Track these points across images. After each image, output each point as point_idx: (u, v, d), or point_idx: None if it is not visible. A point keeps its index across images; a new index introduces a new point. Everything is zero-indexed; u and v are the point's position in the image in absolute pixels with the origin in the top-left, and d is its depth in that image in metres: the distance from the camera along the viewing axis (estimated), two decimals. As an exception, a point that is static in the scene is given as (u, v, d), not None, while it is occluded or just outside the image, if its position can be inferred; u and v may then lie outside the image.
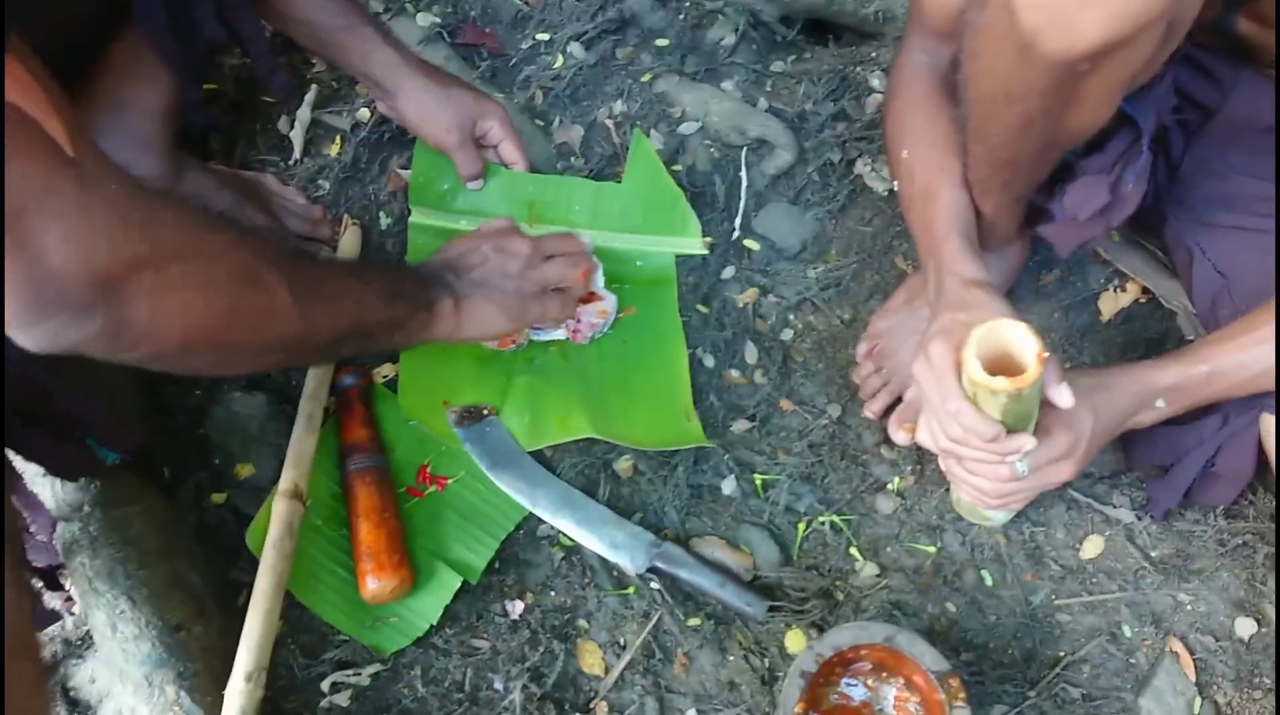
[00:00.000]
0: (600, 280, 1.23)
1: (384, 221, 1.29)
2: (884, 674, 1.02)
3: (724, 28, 1.40)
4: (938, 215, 1.03)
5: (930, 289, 1.03)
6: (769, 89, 1.38)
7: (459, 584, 1.07)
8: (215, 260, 0.79)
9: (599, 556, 1.12)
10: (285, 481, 1.07)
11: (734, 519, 1.16)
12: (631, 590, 1.11)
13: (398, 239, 1.27)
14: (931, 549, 1.13)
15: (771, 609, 1.09)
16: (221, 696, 0.94)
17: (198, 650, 0.98)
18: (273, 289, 0.83)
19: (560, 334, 1.21)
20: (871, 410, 1.19)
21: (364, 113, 1.33)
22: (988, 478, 0.97)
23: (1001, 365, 0.86)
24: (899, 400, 1.19)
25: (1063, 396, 0.91)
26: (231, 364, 0.87)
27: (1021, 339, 0.85)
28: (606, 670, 1.07)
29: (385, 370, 1.20)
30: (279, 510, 1.05)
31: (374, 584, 1.04)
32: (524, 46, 1.40)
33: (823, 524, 1.15)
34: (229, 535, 1.10)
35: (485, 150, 1.27)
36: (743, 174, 1.31)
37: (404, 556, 1.06)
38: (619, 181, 1.30)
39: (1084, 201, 1.03)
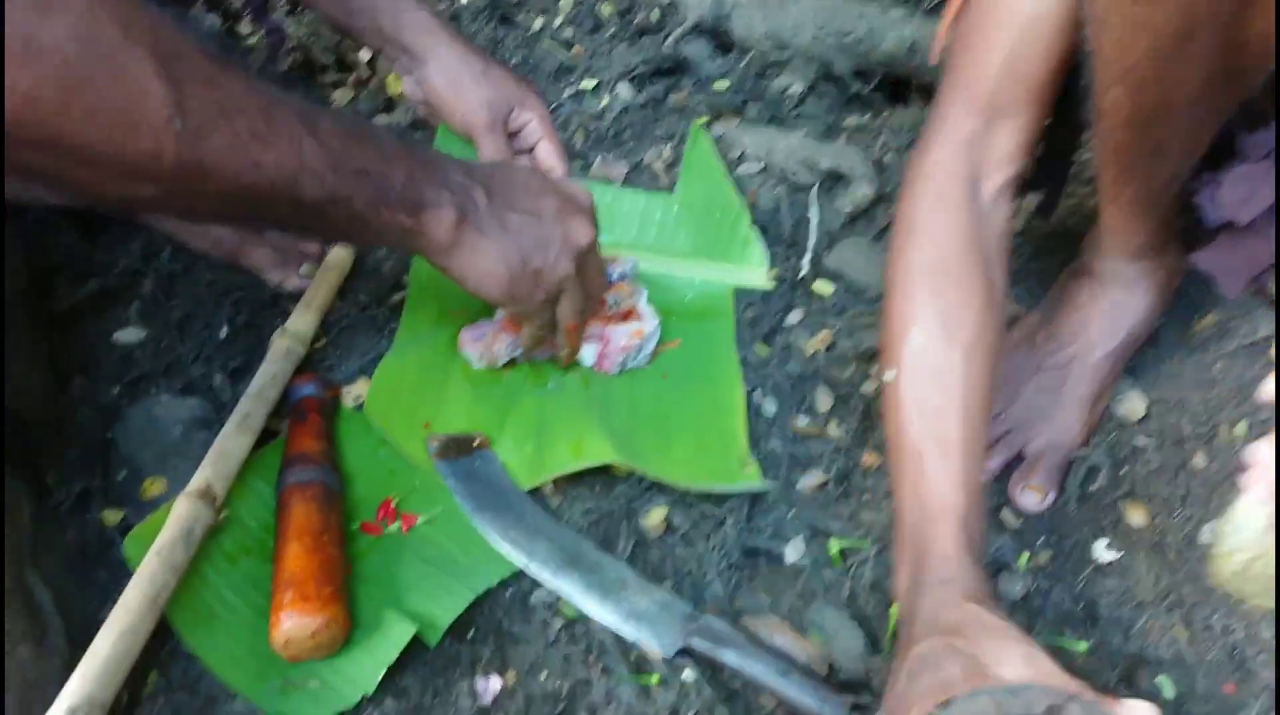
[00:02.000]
0: (644, 297, 0.99)
1: (385, 242, 1.09)
2: None
3: (791, 76, 1.24)
4: (940, 474, 0.70)
5: (901, 595, 0.70)
6: (843, 141, 1.20)
7: (410, 636, 0.75)
8: (47, 11, 0.55)
9: (612, 631, 0.80)
10: (195, 481, 0.79)
11: (801, 596, 0.84)
12: (655, 679, 0.78)
13: (401, 257, 1.06)
14: (1081, 645, 0.80)
15: (855, 711, 0.75)
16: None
17: (17, 681, 0.67)
18: (137, 82, 0.59)
19: (587, 358, 0.95)
20: (987, 467, 0.90)
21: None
22: None
23: None
24: (1020, 457, 0.91)
25: None
26: (86, 177, 0.60)
27: None
28: (612, 784, 0.73)
29: (358, 389, 0.95)
30: (178, 511, 0.77)
31: (291, 622, 0.73)
32: (566, 94, 1.26)
33: (925, 607, 0.82)
34: (113, 565, 0.81)
35: (519, 157, 1.08)
36: (812, 212, 1.10)
37: (338, 592, 0.76)
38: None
39: (1245, 197, 0.78)
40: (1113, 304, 0.92)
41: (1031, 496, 0.87)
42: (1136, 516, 0.87)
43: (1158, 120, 0.74)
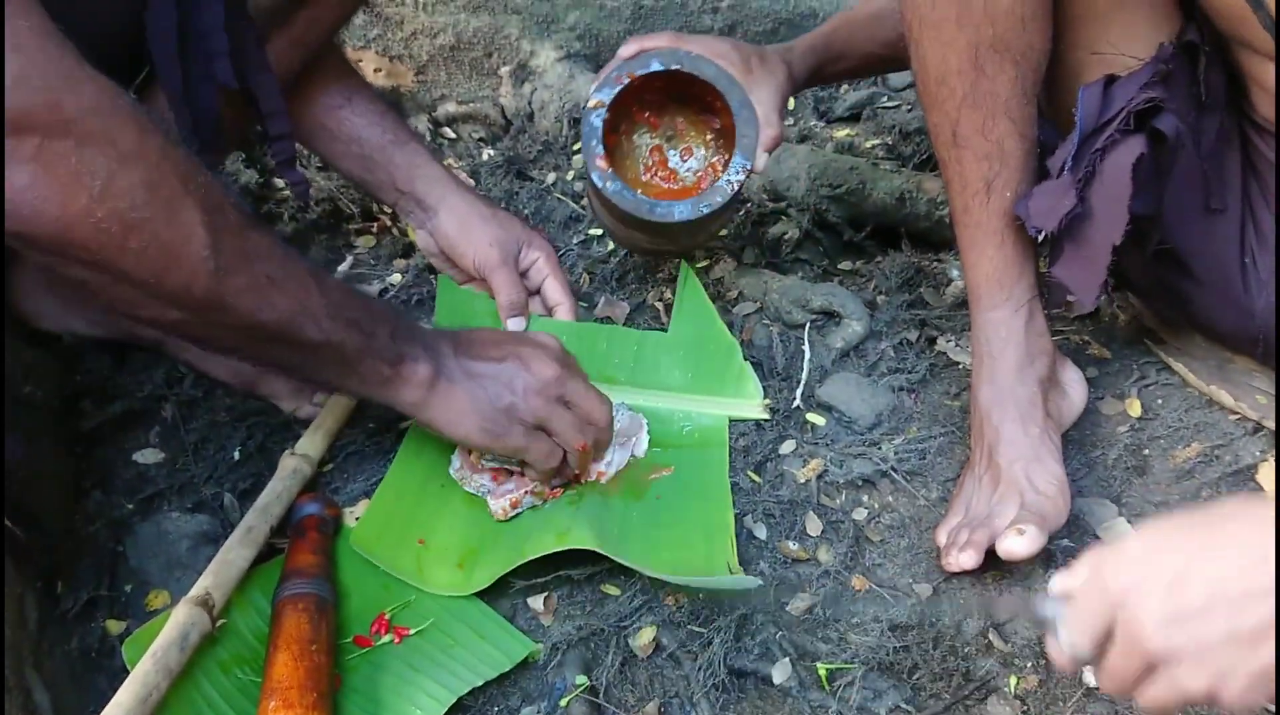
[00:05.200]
0: (644, 426, 1.04)
1: (396, 376, 1.14)
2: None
3: (787, 225, 1.32)
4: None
5: None
6: (836, 284, 1.26)
7: (390, 745, 0.77)
8: (127, 161, 0.66)
9: (597, 748, 0.80)
10: (196, 589, 0.82)
11: (788, 719, 0.84)
12: (638, 798, 0.78)
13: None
14: (1071, 771, 0.79)
15: (839, 833, 0.74)
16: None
17: (4, 776, 0.68)
18: (186, 228, 0.69)
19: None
20: (967, 564, 0.90)
21: (397, 277, 1.24)
22: None
23: None
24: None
25: None
26: (121, 295, 0.70)
27: None
28: None
29: (360, 510, 0.98)
30: (177, 617, 0.79)
31: (275, 728, 0.74)
32: (575, 241, 1.33)
33: (914, 732, 0.82)
34: (112, 673, 0.83)
35: (531, 297, 1.15)
36: (805, 347, 1.15)
37: (321, 699, 0.77)
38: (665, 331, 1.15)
39: (1049, 207, 0.89)
40: (991, 384, 0.97)
41: (1014, 539, 0.87)
42: (1126, 642, 0.87)
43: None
